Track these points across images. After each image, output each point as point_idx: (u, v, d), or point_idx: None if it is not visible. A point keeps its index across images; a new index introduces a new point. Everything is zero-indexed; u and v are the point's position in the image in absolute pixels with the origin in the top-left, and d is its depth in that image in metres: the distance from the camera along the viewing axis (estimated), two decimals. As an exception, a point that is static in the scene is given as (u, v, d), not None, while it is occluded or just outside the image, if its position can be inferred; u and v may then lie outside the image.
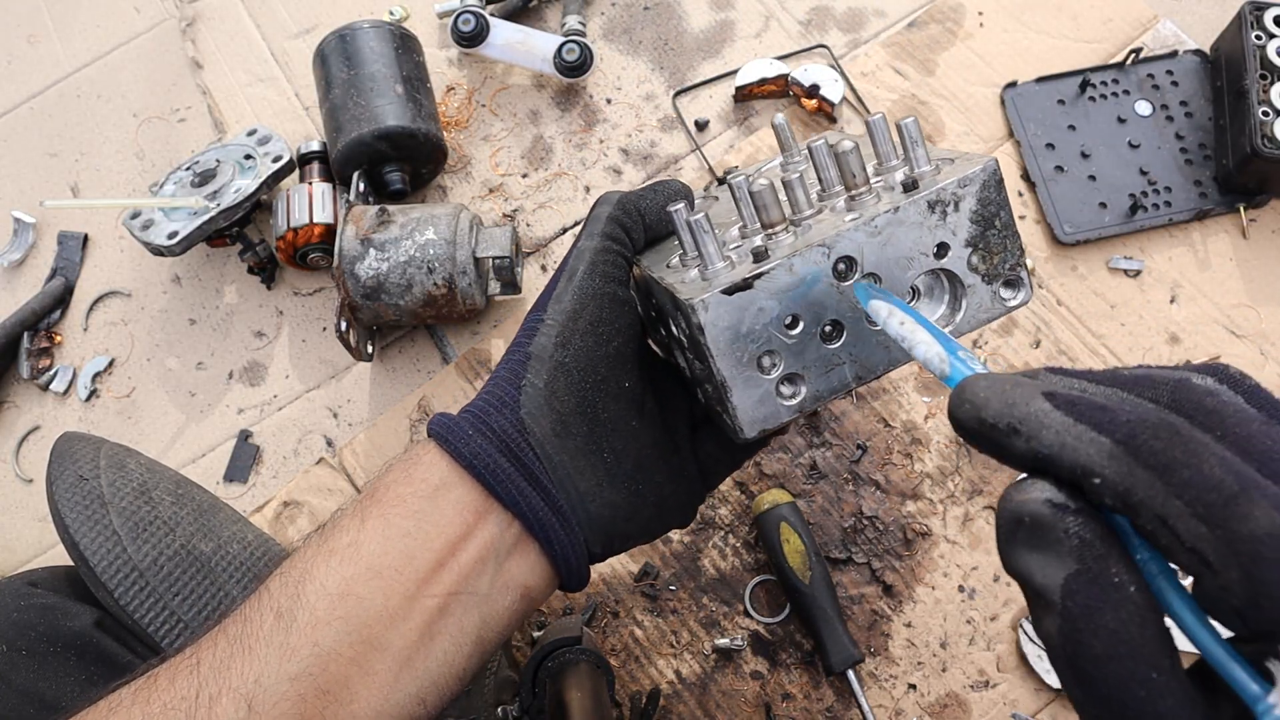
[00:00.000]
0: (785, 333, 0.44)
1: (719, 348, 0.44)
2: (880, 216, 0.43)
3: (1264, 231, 0.96)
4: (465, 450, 0.47)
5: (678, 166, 1.03)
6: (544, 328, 0.50)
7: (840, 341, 0.46)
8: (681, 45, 1.10)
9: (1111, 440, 0.28)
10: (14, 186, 1.11)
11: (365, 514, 0.47)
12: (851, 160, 0.45)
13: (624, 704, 0.80)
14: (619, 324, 0.50)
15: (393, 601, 0.45)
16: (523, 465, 0.48)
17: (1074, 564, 0.29)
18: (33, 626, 0.60)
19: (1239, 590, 0.25)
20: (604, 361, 0.49)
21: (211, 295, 1.02)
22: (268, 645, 0.43)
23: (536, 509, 0.47)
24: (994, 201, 0.45)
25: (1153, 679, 0.27)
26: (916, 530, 0.85)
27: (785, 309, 0.44)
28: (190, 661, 0.44)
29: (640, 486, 0.50)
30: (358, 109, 0.95)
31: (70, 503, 0.66)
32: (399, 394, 0.95)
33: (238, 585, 0.69)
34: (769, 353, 0.45)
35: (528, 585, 0.49)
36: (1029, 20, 1.07)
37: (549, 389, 0.48)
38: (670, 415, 0.53)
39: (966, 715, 0.79)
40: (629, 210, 0.53)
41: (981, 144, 1.01)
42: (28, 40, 1.19)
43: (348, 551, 0.46)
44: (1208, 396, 0.30)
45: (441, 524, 0.46)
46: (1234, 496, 0.26)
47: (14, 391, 1.00)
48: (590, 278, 0.50)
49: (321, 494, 0.91)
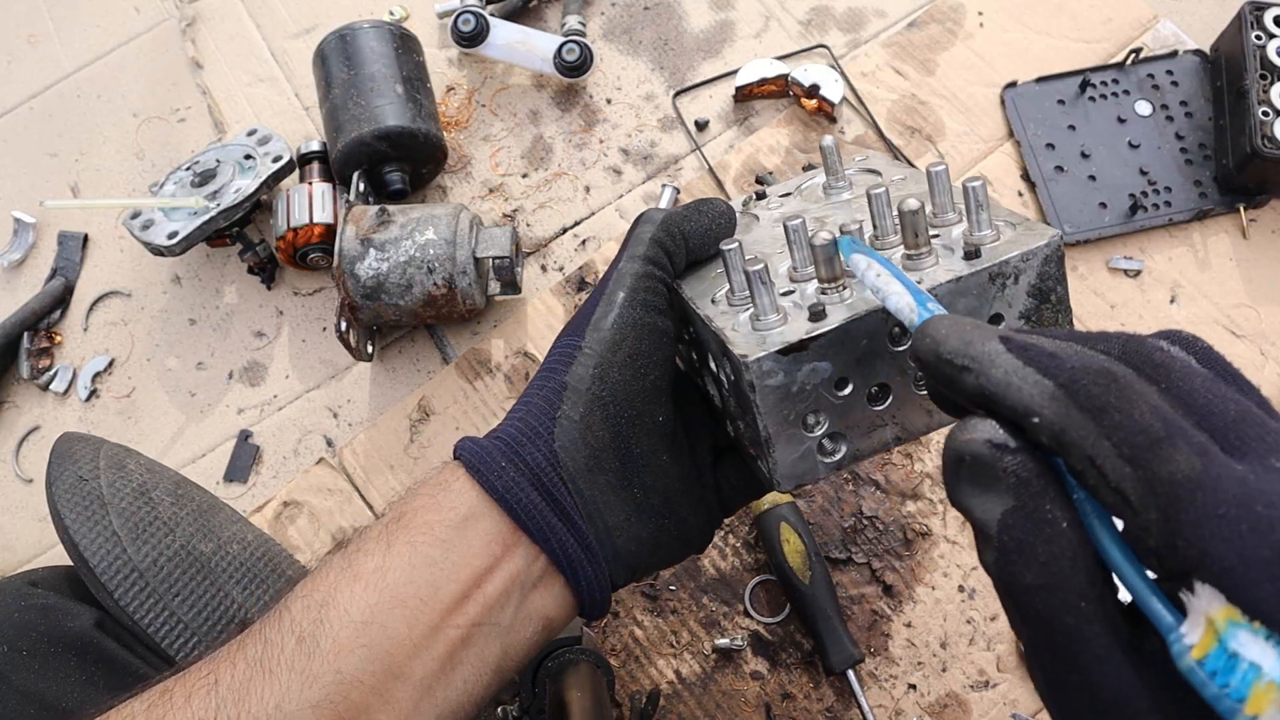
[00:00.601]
0: (834, 393, 0.44)
1: (767, 405, 0.43)
2: (942, 285, 0.42)
3: (1264, 231, 0.95)
4: (498, 483, 0.47)
5: (678, 166, 1.03)
6: (582, 357, 0.49)
7: (886, 404, 0.45)
8: (681, 45, 1.10)
9: (1054, 383, 0.30)
10: (14, 186, 1.11)
11: (392, 539, 0.46)
12: (918, 222, 0.44)
13: (624, 704, 0.80)
14: (657, 356, 0.49)
15: (416, 631, 0.44)
16: (553, 499, 0.47)
17: (1011, 500, 0.30)
18: (33, 626, 0.60)
19: (1156, 531, 0.27)
20: (640, 396, 0.49)
21: (211, 295, 1.03)
22: (289, 670, 0.43)
23: (565, 544, 0.47)
24: (1053, 276, 0.44)
25: (1080, 608, 0.29)
26: (916, 530, 0.85)
27: (837, 370, 0.43)
28: (207, 680, 0.43)
29: (666, 520, 0.50)
30: (358, 109, 0.95)
31: (70, 503, 0.66)
32: (399, 394, 0.96)
33: (238, 585, 0.69)
34: (815, 411, 0.44)
35: (550, 616, 0.49)
36: (1029, 20, 1.07)
37: (584, 423, 0.48)
38: (695, 443, 0.53)
39: (966, 715, 0.79)
40: (672, 232, 0.52)
41: (981, 144, 1.01)
42: (28, 40, 1.19)
43: (373, 578, 0.45)
44: (1157, 351, 0.31)
45: (469, 555, 0.46)
46: (1159, 440, 0.27)
47: (14, 391, 1.00)
48: (631, 306, 0.49)
49: (321, 494, 0.91)
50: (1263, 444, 0.28)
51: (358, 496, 0.91)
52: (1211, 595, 0.25)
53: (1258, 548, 0.25)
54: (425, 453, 0.92)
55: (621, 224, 1.01)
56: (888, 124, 1.02)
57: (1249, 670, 0.24)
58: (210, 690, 0.43)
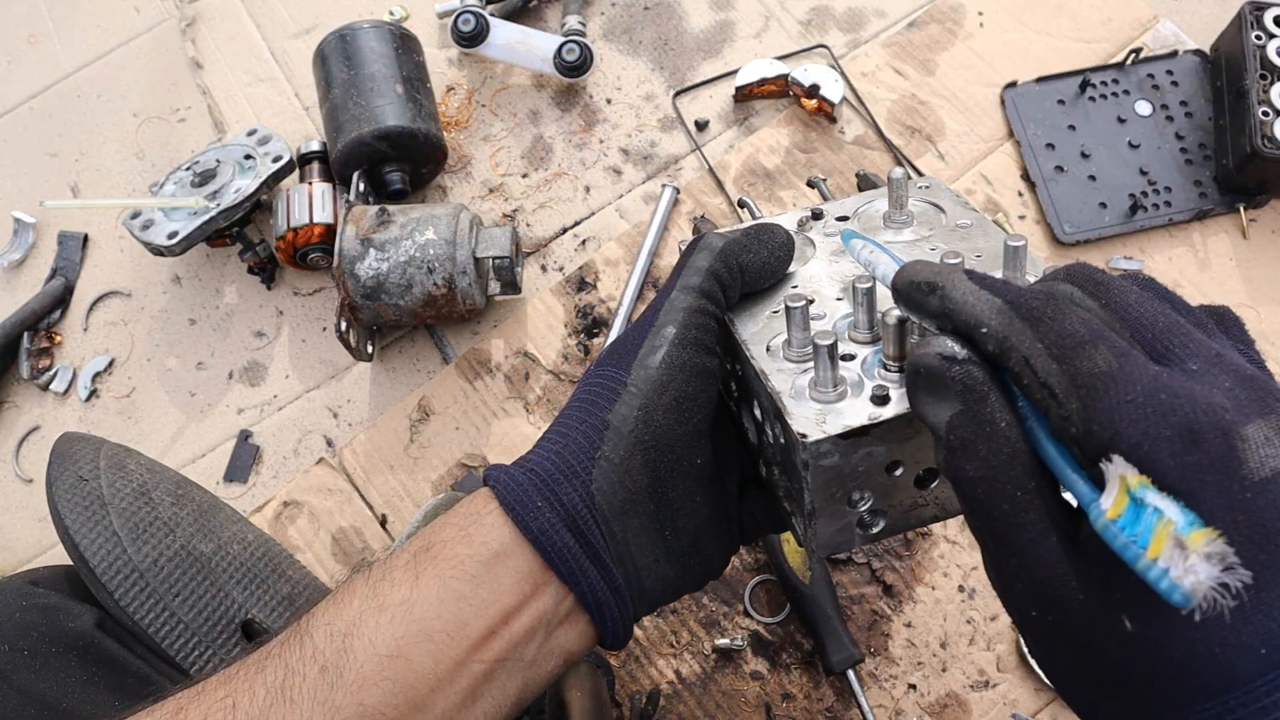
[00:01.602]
0: (885, 476, 0.44)
1: (818, 483, 0.43)
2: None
3: (1264, 231, 0.96)
4: (533, 524, 0.46)
5: (678, 166, 1.03)
6: (627, 395, 0.47)
7: (932, 486, 0.45)
8: (681, 45, 1.10)
9: (1002, 300, 0.35)
10: (14, 186, 1.11)
11: (420, 571, 0.46)
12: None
13: (624, 704, 0.80)
14: (701, 399, 0.48)
15: (442, 666, 0.44)
16: (586, 541, 0.46)
17: (958, 405, 0.35)
18: (34, 626, 0.60)
19: (1078, 418, 0.32)
20: (681, 440, 0.47)
21: (211, 295, 1.03)
22: (311, 701, 0.42)
23: (595, 587, 0.47)
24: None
25: (1017, 497, 0.33)
26: (916, 530, 0.85)
27: (891, 454, 0.43)
28: (225, 703, 0.43)
29: (693, 560, 0.49)
30: (358, 109, 0.95)
31: (70, 504, 0.65)
32: (399, 394, 0.96)
33: (238, 586, 0.69)
34: (862, 489, 0.44)
35: (571, 651, 0.48)
36: (1029, 20, 1.07)
37: (624, 466, 0.46)
38: (725, 476, 0.51)
39: (966, 715, 0.79)
40: (730, 264, 0.50)
41: (982, 144, 1.01)
42: (28, 40, 1.19)
43: (399, 610, 0.44)
44: (1098, 273, 0.37)
45: (498, 592, 0.45)
46: (1083, 342, 0.33)
47: (14, 391, 1.00)
48: (681, 346, 0.48)
49: (321, 494, 0.91)
50: (1185, 350, 0.33)
51: (358, 496, 0.91)
52: (1124, 465, 0.30)
53: (1160, 427, 0.30)
54: (425, 453, 0.92)
55: (622, 224, 1.01)
56: (888, 124, 1.02)
57: (1152, 514, 0.29)
58: (228, 714, 0.42)
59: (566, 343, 0.96)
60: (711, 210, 1.00)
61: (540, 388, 0.94)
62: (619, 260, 0.99)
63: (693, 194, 1.01)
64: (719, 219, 1.00)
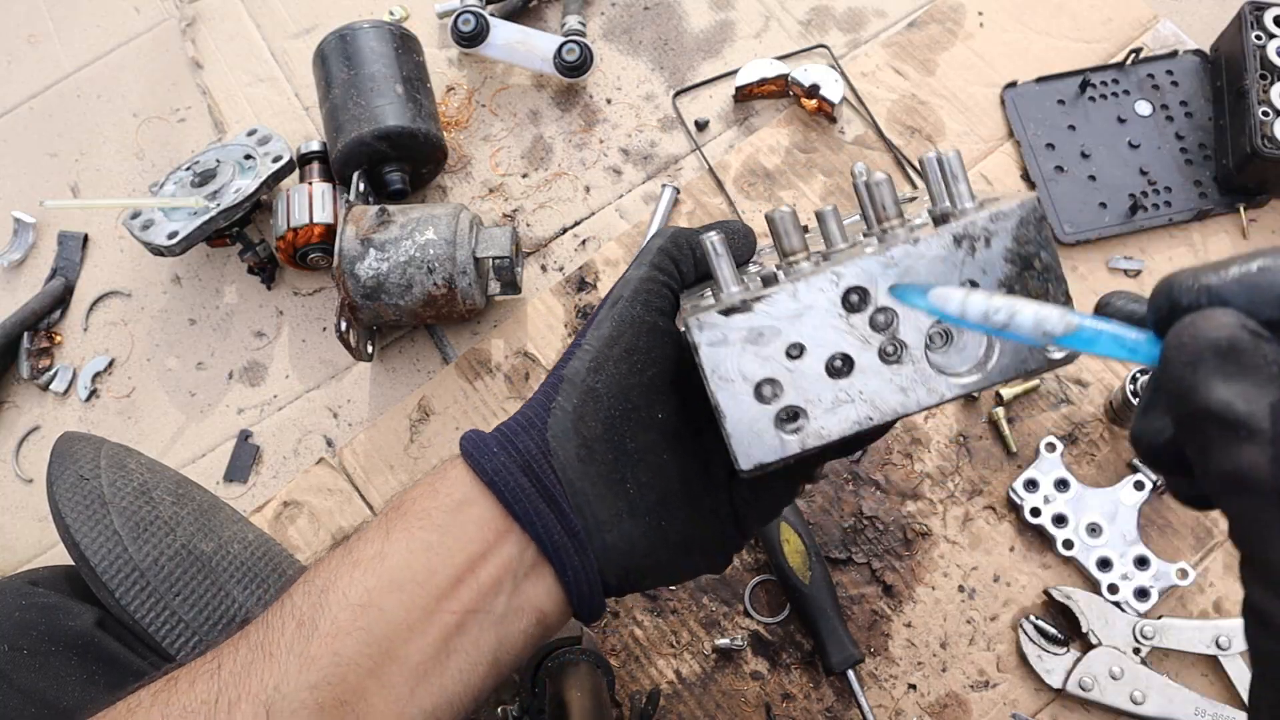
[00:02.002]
0: (786, 361, 0.42)
1: (713, 367, 0.42)
2: (898, 248, 0.41)
3: (1264, 231, 0.96)
4: (488, 466, 0.47)
5: (678, 166, 1.03)
6: (580, 352, 0.49)
7: (848, 378, 0.43)
8: (681, 45, 1.10)
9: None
10: (14, 186, 1.11)
11: (390, 526, 0.47)
12: (882, 191, 0.42)
13: (624, 704, 0.80)
14: (656, 354, 0.49)
15: (413, 615, 0.45)
16: (543, 487, 0.47)
17: (1276, 391, 0.28)
18: (34, 626, 0.60)
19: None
20: (637, 390, 0.48)
21: (211, 295, 1.03)
22: (288, 653, 0.43)
23: (552, 531, 0.47)
24: (1033, 240, 0.42)
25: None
26: (916, 530, 0.85)
27: (787, 337, 0.42)
28: (211, 665, 0.44)
29: (663, 522, 0.49)
30: (358, 109, 0.95)
31: (71, 503, 0.66)
32: (399, 394, 0.96)
33: (238, 585, 0.69)
34: (769, 381, 0.43)
35: (543, 610, 0.49)
36: (1029, 20, 1.07)
37: (577, 413, 0.48)
38: (711, 454, 0.51)
39: (966, 715, 0.79)
40: (679, 243, 0.52)
41: (981, 144, 1.01)
42: (28, 40, 1.19)
43: (371, 563, 0.46)
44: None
45: (463, 539, 0.47)
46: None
47: (14, 391, 1.00)
48: (631, 305, 0.50)
49: (321, 494, 0.91)
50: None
51: (358, 496, 0.91)
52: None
53: None
54: (425, 453, 0.92)
55: (621, 224, 1.01)
56: (888, 124, 1.02)
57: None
58: (213, 675, 0.44)
59: (566, 343, 0.96)
60: (711, 210, 1.00)
61: (540, 388, 0.94)
62: (619, 260, 0.99)
63: (693, 194, 1.01)
64: (719, 219, 1.00)
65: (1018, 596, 0.83)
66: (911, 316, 0.42)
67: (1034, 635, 0.80)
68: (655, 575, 0.51)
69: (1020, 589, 0.83)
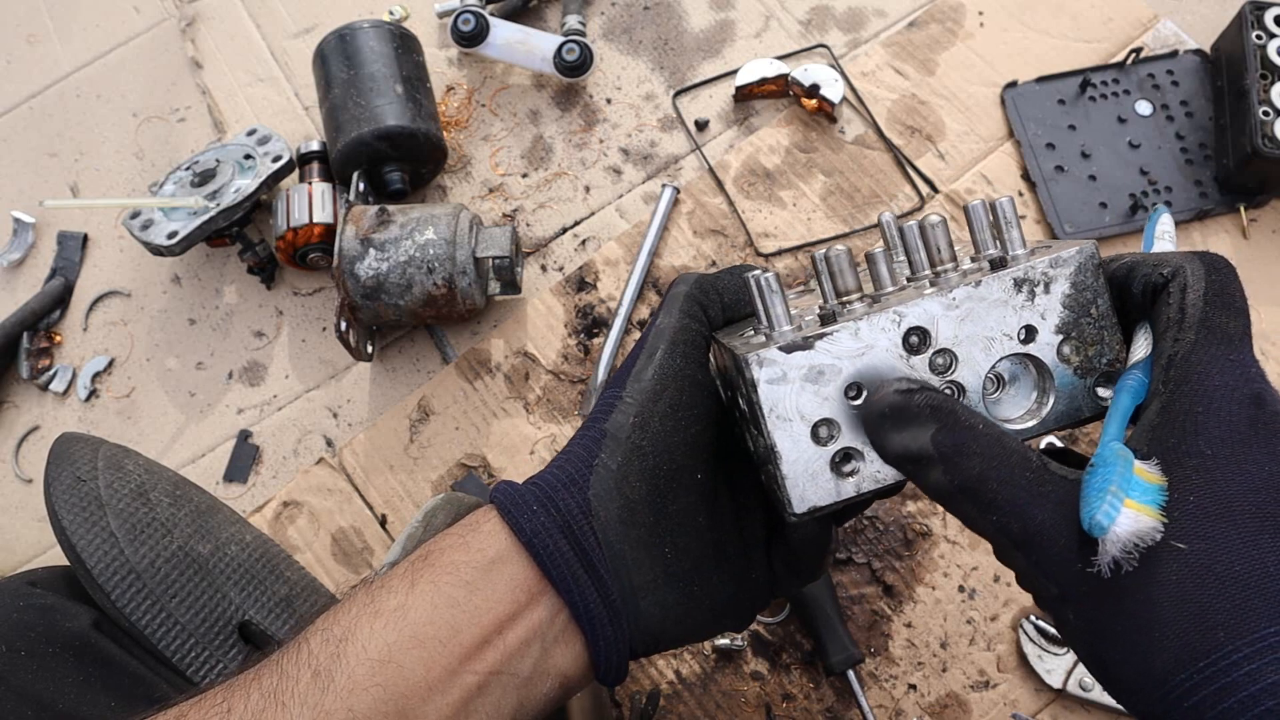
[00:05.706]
0: (846, 402, 0.42)
1: (771, 405, 0.41)
2: (959, 289, 0.41)
3: (1264, 231, 0.95)
4: (527, 526, 0.45)
5: (678, 166, 1.03)
6: (622, 405, 0.47)
7: None
8: (681, 45, 1.10)
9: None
10: (14, 186, 1.11)
11: (416, 577, 0.45)
12: (938, 234, 0.42)
13: (624, 704, 0.80)
14: (698, 409, 0.48)
15: (433, 673, 0.43)
16: (581, 550, 0.46)
17: (933, 424, 0.39)
18: (31, 627, 0.60)
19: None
20: (680, 448, 0.47)
21: (211, 295, 1.02)
22: (302, 705, 0.42)
23: (588, 599, 0.46)
24: (1090, 287, 0.42)
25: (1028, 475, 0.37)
26: (916, 530, 0.85)
27: (848, 377, 0.41)
28: (221, 708, 0.43)
29: (695, 589, 0.48)
30: (358, 109, 0.95)
31: (67, 505, 0.65)
32: (399, 394, 0.95)
33: (235, 587, 0.69)
34: (826, 422, 0.42)
35: (567, 675, 0.47)
36: (1029, 20, 1.06)
37: (621, 472, 0.46)
38: (745, 516, 0.50)
39: (966, 715, 0.79)
40: (706, 289, 0.51)
41: (982, 144, 1.01)
42: (28, 40, 1.19)
43: (394, 615, 0.44)
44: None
45: (492, 599, 0.45)
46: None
47: (14, 391, 1.00)
48: (671, 357, 0.48)
49: (321, 494, 0.91)
50: None
51: (357, 496, 0.91)
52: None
53: None
54: (425, 453, 0.92)
55: (622, 224, 1.01)
56: (888, 124, 1.02)
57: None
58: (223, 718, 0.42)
59: (566, 343, 0.95)
60: (711, 210, 1.00)
61: (540, 388, 0.94)
62: (619, 260, 0.99)
63: (693, 194, 1.01)
64: (719, 218, 1.00)
65: (1018, 596, 0.82)
66: (971, 360, 0.42)
67: (1034, 635, 0.80)
68: (682, 640, 0.50)
69: (1020, 589, 0.83)
